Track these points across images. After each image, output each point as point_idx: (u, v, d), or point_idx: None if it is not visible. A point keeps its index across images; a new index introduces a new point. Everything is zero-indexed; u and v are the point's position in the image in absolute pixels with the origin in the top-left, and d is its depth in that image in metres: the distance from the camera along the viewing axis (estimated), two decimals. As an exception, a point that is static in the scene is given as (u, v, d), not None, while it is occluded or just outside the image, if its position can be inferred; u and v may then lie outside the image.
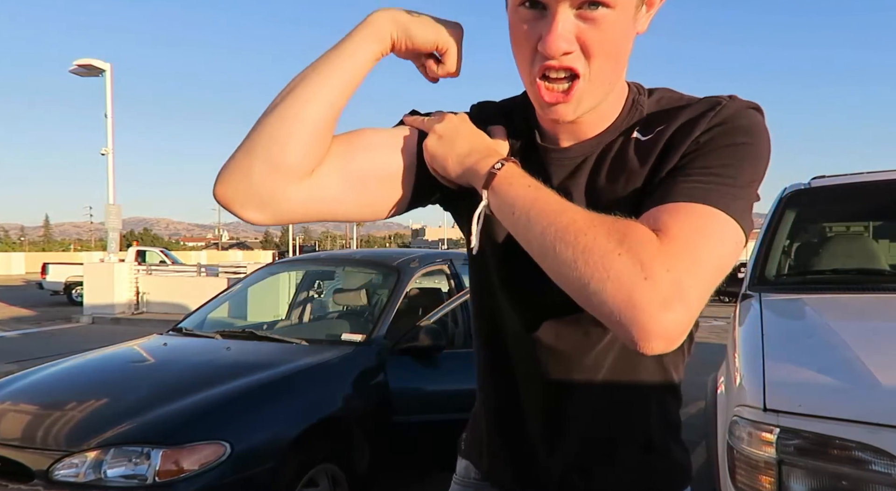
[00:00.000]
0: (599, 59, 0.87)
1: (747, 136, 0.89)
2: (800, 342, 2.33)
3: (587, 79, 0.88)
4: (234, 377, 3.19)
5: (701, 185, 0.85)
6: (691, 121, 0.91)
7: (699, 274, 0.77)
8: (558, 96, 0.89)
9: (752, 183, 0.88)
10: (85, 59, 15.62)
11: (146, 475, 2.61)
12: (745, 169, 0.87)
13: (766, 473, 1.81)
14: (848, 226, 4.29)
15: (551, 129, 1.01)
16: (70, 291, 19.03)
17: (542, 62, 0.87)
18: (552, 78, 0.88)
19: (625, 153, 0.95)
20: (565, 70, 0.87)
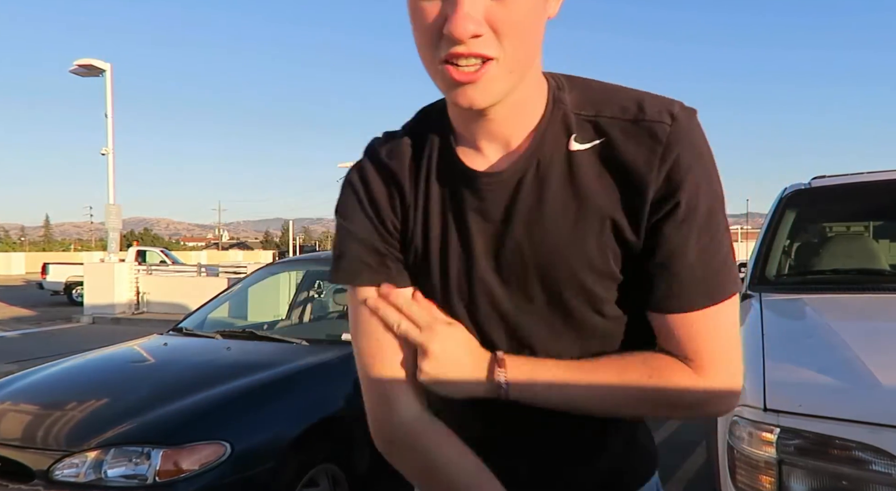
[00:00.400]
0: (512, 41, 0.79)
1: (713, 175, 0.88)
2: (800, 342, 2.33)
3: (500, 62, 0.79)
4: (234, 377, 3.19)
5: (704, 274, 0.87)
6: (642, 151, 0.85)
7: (736, 363, 0.92)
8: (469, 75, 0.79)
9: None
10: (85, 59, 15.62)
11: (146, 475, 2.61)
12: (722, 214, 0.89)
13: (766, 473, 1.81)
14: (848, 226, 4.30)
15: (474, 145, 0.91)
16: (70, 291, 19.05)
17: (450, 48, 0.78)
18: (461, 65, 0.79)
19: (573, 174, 0.88)
20: (475, 57, 0.78)
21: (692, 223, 0.84)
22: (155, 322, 12.52)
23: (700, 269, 0.86)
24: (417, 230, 0.95)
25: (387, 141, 0.98)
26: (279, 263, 5.89)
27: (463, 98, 0.81)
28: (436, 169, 0.94)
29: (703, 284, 0.86)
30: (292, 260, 5.98)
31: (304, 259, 5.88)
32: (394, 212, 0.96)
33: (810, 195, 3.71)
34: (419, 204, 0.95)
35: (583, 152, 0.87)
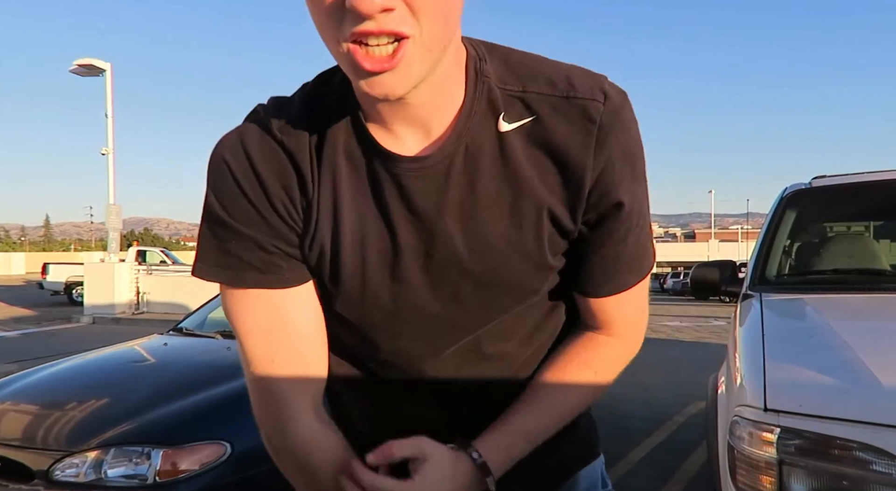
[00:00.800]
0: (430, 15, 0.66)
1: (641, 156, 0.84)
2: (800, 342, 2.33)
3: (417, 40, 0.66)
4: (234, 377, 3.19)
5: (639, 256, 0.90)
6: (575, 131, 0.77)
7: (644, 322, 0.98)
8: (382, 62, 0.66)
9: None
10: (85, 58, 15.64)
11: (146, 475, 2.61)
12: (646, 196, 0.89)
13: (766, 474, 1.80)
14: (849, 226, 4.29)
15: (388, 127, 0.78)
16: (70, 291, 19.07)
17: (356, 25, 0.64)
18: (371, 44, 0.65)
19: (504, 158, 0.78)
20: (387, 34, 0.65)
21: (632, 217, 0.84)
22: (155, 322, 12.52)
23: (636, 253, 0.88)
24: (323, 224, 0.80)
25: (278, 110, 0.81)
26: (279, 262, 5.87)
27: (378, 88, 0.68)
28: (344, 150, 0.80)
29: (636, 264, 0.89)
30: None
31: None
32: (290, 199, 0.80)
33: (811, 195, 3.71)
34: (324, 192, 0.80)
35: (513, 133, 0.78)
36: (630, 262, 0.88)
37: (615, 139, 0.78)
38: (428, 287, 0.82)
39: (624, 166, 0.80)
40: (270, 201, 0.79)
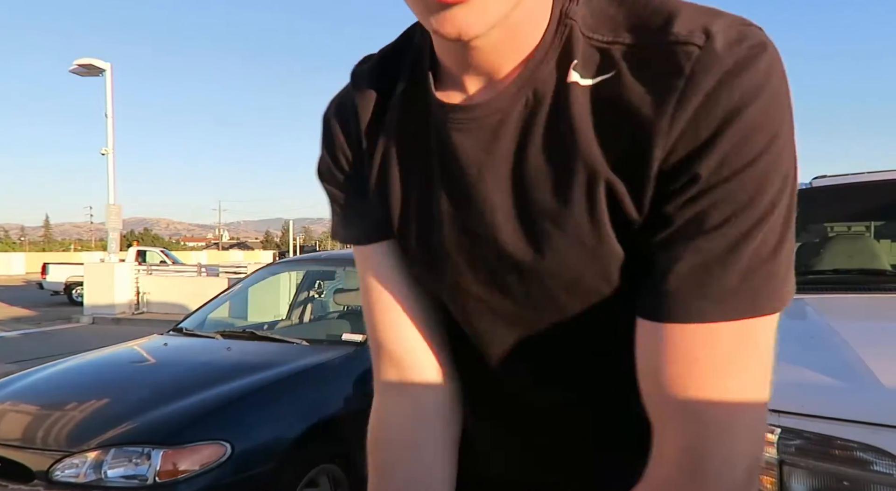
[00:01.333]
0: None
1: (766, 127, 0.54)
2: (801, 342, 2.33)
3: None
4: (234, 377, 3.19)
5: (708, 264, 0.56)
6: (653, 87, 0.57)
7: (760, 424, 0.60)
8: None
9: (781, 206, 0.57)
10: (85, 58, 15.63)
11: (147, 476, 2.61)
12: (769, 194, 0.56)
13: (766, 474, 1.80)
14: (849, 226, 4.29)
15: (459, 76, 0.66)
16: (70, 291, 19.06)
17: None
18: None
19: (563, 112, 0.61)
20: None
21: (730, 205, 0.55)
22: (155, 322, 12.51)
23: (731, 264, 0.56)
24: (374, 185, 0.74)
25: (361, 64, 0.76)
26: (279, 263, 5.89)
27: (449, 25, 0.56)
28: (401, 103, 0.72)
29: (732, 282, 0.57)
30: (292, 260, 5.97)
31: (305, 259, 5.88)
32: (353, 156, 0.76)
33: (811, 195, 3.71)
34: (377, 150, 0.73)
35: (583, 88, 0.60)
36: (715, 274, 0.56)
37: (709, 94, 0.54)
38: (468, 268, 0.70)
39: (719, 132, 0.54)
40: (338, 158, 0.77)
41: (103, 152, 16.13)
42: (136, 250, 23.78)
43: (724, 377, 0.57)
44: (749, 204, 0.55)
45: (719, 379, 0.56)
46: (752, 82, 0.54)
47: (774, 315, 0.61)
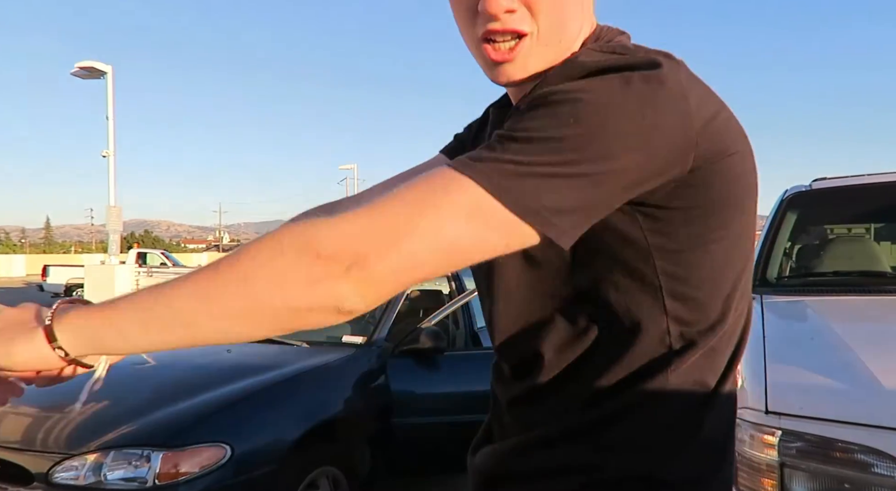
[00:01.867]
0: (546, 16, 0.80)
1: (571, 91, 0.71)
2: (801, 344, 2.33)
3: (534, 37, 0.81)
4: (234, 379, 3.19)
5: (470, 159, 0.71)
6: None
7: (381, 240, 0.65)
8: (504, 54, 0.81)
9: (556, 141, 0.68)
10: (86, 61, 15.65)
11: (146, 478, 2.61)
12: (543, 124, 0.69)
13: (768, 476, 1.80)
14: (849, 228, 4.29)
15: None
16: (71, 292, 19.06)
17: (486, 25, 0.80)
18: (498, 41, 0.81)
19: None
20: (510, 32, 0.80)
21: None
22: (155, 324, 12.49)
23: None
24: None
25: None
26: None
27: (501, 76, 0.84)
28: (494, 112, 1.02)
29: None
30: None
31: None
32: (465, 139, 1.10)
33: (811, 197, 3.71)
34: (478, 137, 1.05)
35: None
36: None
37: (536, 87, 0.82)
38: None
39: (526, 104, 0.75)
40: (463, 137, 1.14)
41: (104, 154, 16.14)
42: (136, 252, 23.81)
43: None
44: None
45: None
46: (590, 70, 0.75)
47: (456, 177, 0.68)
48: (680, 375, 0.81)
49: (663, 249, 0.78)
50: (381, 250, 0.65)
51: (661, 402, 0.81)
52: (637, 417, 0.82)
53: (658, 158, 0.71)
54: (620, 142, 0.69)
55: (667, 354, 0.80)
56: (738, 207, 0.81)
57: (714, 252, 0.80)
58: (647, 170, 0.71)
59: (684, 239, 0.78)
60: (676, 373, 0.81)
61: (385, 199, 0.67)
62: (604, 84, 0.71)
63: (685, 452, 0.83)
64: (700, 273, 0.80)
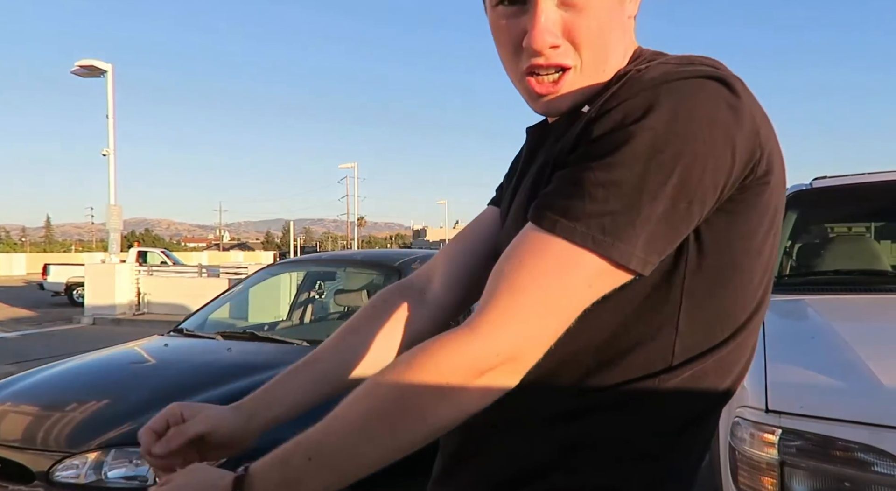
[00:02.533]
0: (589, 49, 0.81)
1: (649, 118, 0.72)
2: (802, 343, 2.33)
3: (578, 70, 0.83)
4: (235, 378, 3.19)
5: (545, 200, 0.76)
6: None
7: (516, 322, 0.72)
8: (549, 87, 0.83)
9: (651, 191, 0.71)
10: (86, 59, 15.64)
11: (147, 476, 2.61)
12: (632, 167, 0.71)
13: (768, 475, 1.80)
14: (850, 227, 4.29)
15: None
16: (71, 291, 19.07)
17: (531, 60, 0.82)
18: (542, 74, 0.83)
19: (564, 133, 0.84)
20: (554, 67, 0.82)
21: (590, 135, 0.76)
22: (156, 323, 12.52)
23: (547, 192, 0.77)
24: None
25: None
26: (280, 263, 5.89)
27: (544, 108, 0.87)
28: (533, 136, 1.02)
29: (535, 208, 0.76)
30: (293, 261, 5.97)
31: (306, 260, 5.88)
32: (513, 170, 1.07)
33: (812, 196, 3.71)
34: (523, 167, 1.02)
35: (584, 113, 0.83)
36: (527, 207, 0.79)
37: (608, 109, 0.78)
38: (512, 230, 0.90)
39: (588, 137, 0.79)
40: (511, 170, 1.09)
41: (104, 153, 16.14)
42: (136, 251, 23.78)
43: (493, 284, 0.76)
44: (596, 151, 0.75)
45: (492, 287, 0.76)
46: (662, 96, 0.73)
47: (567, 248, 0.72)
48: (672, 390, 0.80)
49: (698, 269, 0.78)
50: (532, 349, 0.73)
51: (647, 413, 0.80)
52: (615, 425, 0.80)
53: (730, 182, 0.75)
54: (708, 178, 0.72)
55: (666, 368, 0.80)
56: (771, 230, 0.83)
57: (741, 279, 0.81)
58: (722, 195, 0.75)
59: (722, 259, 0.79)
60: (669, 387, 0.80)
61: (513, 299, 0.72)
62: (690, 117, 0.72)
63: (656, 471, 0.82)
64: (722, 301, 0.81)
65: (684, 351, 0.79)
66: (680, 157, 0.71)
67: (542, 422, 0.82)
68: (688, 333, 0.79)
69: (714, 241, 0.78)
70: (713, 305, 0.80)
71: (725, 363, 0.83)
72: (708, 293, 0.79)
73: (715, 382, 0.83)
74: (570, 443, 0.80)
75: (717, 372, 0.82)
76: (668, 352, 0.79)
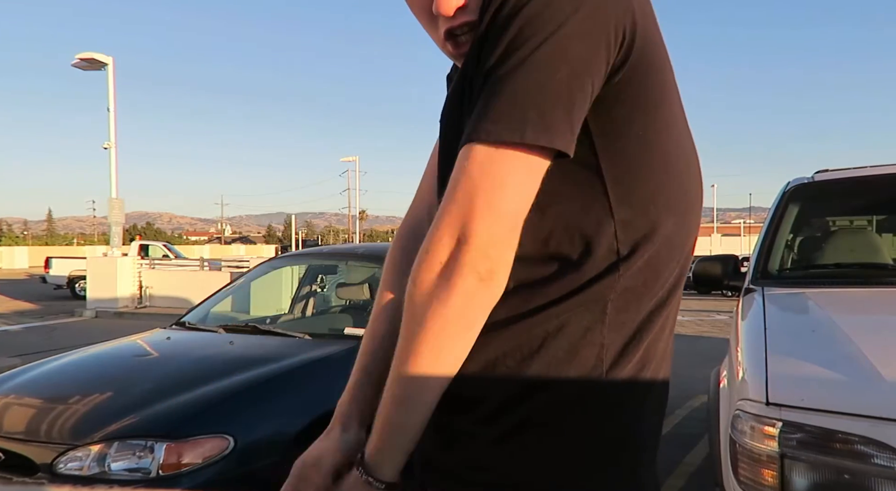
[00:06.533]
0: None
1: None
2: (802, 336, 2.33)
3: None
4: (237, 371, 3.20)
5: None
6: None
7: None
8: (467, 47, 0.84)
9: (530, 62, 0.73)
10: (87, 52, 15.61)
11: (150, 469, 2.62)
12: (510, 41, 0.74)
13: (768, 467, 1.81)
14: (851, 220, 4.29)
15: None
16: (73, 285, 19.09)
17: (444, 25, 0.85)
18: (458, 35, 0.85)
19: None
20: (466, 25, 0.84)
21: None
22: (158, 316, 12.54)
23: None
24: None
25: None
26: (282, 257, 5.88)
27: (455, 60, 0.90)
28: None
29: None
30: (295, 254, 5.97)
31: (307, 253, 5.88)
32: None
33: (813, 189, 3.71)
34: None
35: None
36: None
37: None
38: None
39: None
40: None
41: (106, 146, 16.12)
42: (138, 244, 23.80)
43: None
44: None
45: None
46: None
47: (482, 149, 0.74)
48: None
49: (608, 150, 0.79)
50: (485, 237, 0.74)
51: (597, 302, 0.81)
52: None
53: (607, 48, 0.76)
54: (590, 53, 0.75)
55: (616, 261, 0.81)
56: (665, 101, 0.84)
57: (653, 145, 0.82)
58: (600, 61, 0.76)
59: (627, 134, 0.80)
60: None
61: (456, 206, 0.74)
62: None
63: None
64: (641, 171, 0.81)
65: (627, 238, 0.80)
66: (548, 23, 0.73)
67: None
68: (625, 218, 0.80)
69: (612, 122, 0.79)
70: (639, 186, 0.81)
71: (671, 244, 0.84)
72: (630, 175, 0.80)
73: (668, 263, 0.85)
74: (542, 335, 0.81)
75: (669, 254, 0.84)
76: (612, 241, 0.80)
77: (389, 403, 0.81)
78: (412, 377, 0.78)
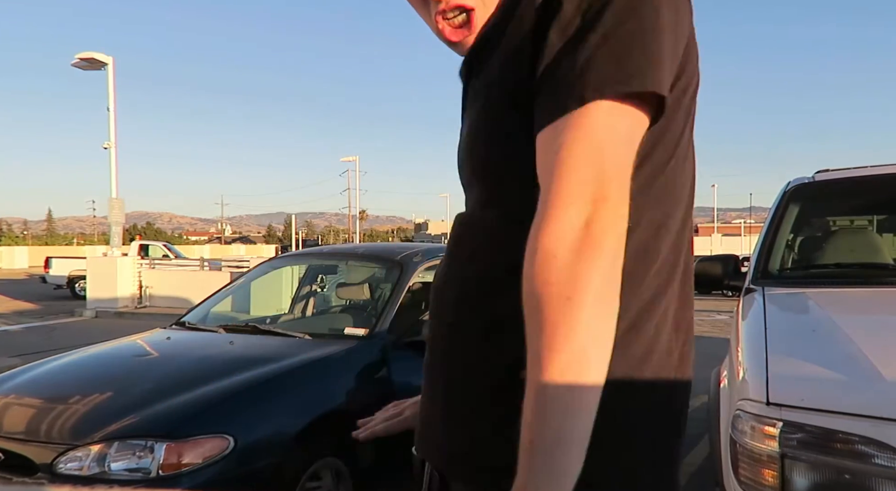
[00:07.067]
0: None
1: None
2: (803, 336, 2.33)
3: (482, 5, 0.88)
4: (237, 371, 3.19)
5: (553, 81, 0.75)
6: None
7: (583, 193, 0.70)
8: (461, 33, 0.90)
9: (628, 25, 0.73)
10: (87, 52, 15.61)
11: (150, 469, 2.62)
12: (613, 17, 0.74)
13: (768, 467, 1.81)
14: (852, 220, 4.29)
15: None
16: (73, 285, 19.08)
17: (436, 7, 0.89)
18: (449, 17, 0.89)
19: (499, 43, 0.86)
20: (457, 8, 0.88)
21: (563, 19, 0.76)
22: (158, 316, 12.54)
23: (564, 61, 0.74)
24: None
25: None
26: (282, 257, 5.88)
27: (464, 50, 0.92)
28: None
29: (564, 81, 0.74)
30: (295, 254, 5.97)
31: (307, 253, 5.88)
32: None
33: (814, 189, 3.70)
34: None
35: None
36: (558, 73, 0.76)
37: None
38: None
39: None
40: None
41: (105, 146, 16.12)
42: (138, 244, 23.80)
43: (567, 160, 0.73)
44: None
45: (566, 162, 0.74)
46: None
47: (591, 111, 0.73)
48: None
49: None
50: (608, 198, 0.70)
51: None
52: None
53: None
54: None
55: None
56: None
57: None
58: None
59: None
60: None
61: (584, 165, 0.70)
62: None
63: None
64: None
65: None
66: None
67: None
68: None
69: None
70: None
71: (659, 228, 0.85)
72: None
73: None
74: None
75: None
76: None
77: (542, 420, 0.68)
78: (569, 372, 0.66)
